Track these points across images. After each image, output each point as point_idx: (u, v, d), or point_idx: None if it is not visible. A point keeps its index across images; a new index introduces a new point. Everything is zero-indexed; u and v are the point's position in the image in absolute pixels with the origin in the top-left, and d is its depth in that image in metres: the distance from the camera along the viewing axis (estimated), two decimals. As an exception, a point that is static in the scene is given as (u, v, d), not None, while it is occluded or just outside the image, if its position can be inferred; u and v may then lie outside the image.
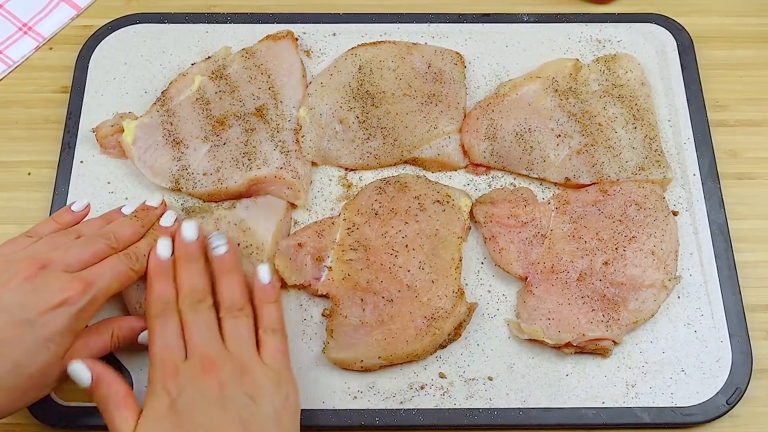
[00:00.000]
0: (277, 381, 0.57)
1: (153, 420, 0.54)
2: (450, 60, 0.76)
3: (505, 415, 0.64)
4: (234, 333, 0.59)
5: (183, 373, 0.56)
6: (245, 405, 0.55)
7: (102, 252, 0.60)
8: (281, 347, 0.60)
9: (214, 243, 0.62)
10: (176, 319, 0.59)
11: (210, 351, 0.57)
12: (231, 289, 0.60)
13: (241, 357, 0.58)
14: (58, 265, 0.58)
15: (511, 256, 0.68)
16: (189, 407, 0.54)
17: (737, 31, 0.82)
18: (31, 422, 0.64)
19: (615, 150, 0.71)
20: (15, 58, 0.80)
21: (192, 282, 0.60)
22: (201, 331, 0.58)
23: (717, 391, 0.64)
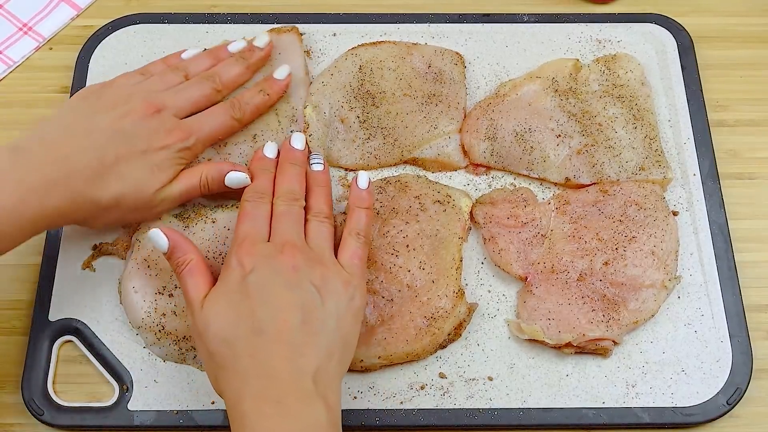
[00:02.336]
0: (347, 281, 0.59)
1: (223, 290, 0.57)
2: (450, 60, 0.76)
3: (505, 415, 0.64)
4: (317, 232, 0.62)
5: (261, 251, 0.58)
6: (311, 294, 0.57)
7: (208, 96, 0.68)
8: (361, 253, 0.62)
9: (314, 160, 0.67)
10: (268, 207, 0.63)
11: (292, 238, 0.60)
12: (320, 199, 0.64)
13: (320, 252, 0.60)
14: (169, 110, 0.65)
15: (511, 257, 0.68)
16: (259, 282, 0.57)
17: (737, 31, 0.82)
18: (31, 422, 0.64)
19: (615, 150, 0.71)
20: (15, 58, 0.80)
21: (291, 183, 0.64)
22: (288, 222, 0.61)
23: (717, 391, 0.64)
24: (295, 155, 0.66)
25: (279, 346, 0.54)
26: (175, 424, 0.64)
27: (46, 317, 0.67)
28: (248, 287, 0.56)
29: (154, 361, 0.66)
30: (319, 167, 0.66)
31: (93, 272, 0.69)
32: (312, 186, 0.65)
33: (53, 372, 0.66)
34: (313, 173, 0.66)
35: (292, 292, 0.56)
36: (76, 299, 0.68)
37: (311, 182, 0.65)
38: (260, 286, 0.56)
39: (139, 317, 0.65)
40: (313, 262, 0.59)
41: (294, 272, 0.57)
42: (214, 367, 0.56)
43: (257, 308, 0.55)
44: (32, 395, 0.64)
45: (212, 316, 0.56)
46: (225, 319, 0.56)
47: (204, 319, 0.56)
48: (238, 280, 0.57)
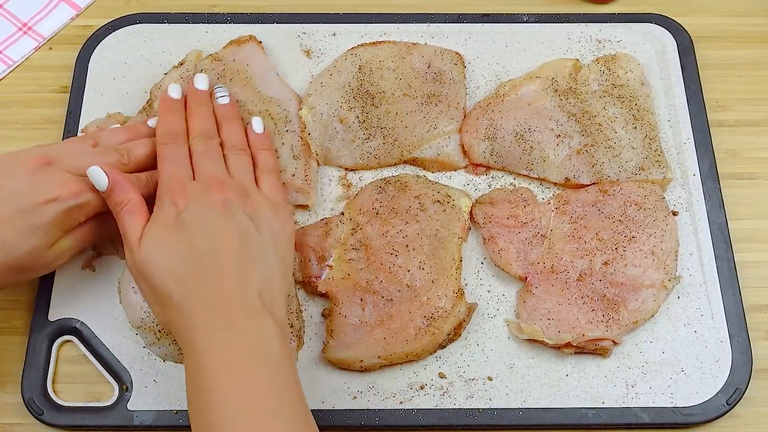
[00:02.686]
0: (275, 208, 0.62)
1: (159, 226, 0.58)
2: (450, 60, 0.76)
3: (505, 415, 0.64)
4: (237, 165, 0.64)
5: (191, 190, 0.60)
6: (246, 223, 0.59)
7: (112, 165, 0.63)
8: (277, 183, 0.64)
9: (219, 93, 0.68)
10: (186, 148, 0.63)
11: (217, 174, 0.61)
12: (233, 132, 0.66)
13: (244, 184, 0.62)
14: (62, 165, 0.61)
15: (511, 257, 0.68)
16: (194, 217, 0.58)
17: (737, 31, 0.82)
18: (31, 422, 0.64)
19: (615, 150, 0.71)
20: (15, 58, 0.80)
21: (203, 122, 0.65)
22: (209, 159, 0.63)
23: (717, 391, 0.64)
24: (200, 96, 0.67)
25: (222, 271, 0.56)
26: (174, 423, 0.64)
27: (46, 317, 0.67)
28: (184, 222, 0.58)
29: (154, 361, 0.66)
30: (225, 100, 0.68)
31: (93, 272, 0.69)
32: (222, 120, 0.67)
33: (53, 372, 0.66)
34: (220, 107, 0.68)
35: (228, 222, 0.58)
36: (76, 299, 0.68)
37: (220, 117, 0.67)
38: (196, 219, 0.58)
39: (138, 317, 0.65)
40: (241, 194, 0.61)
41: (225, 205, 0.59)
42: (159, 301, 0.57)
43: (196, 238, 0.57)
44: (32, 395, 0.64)
45: (151, 250, 0.57)
46: (165, 252, 0.57)
47: (143, 255, 0.57)
48: (173, 217, 0.58)
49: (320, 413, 0.64)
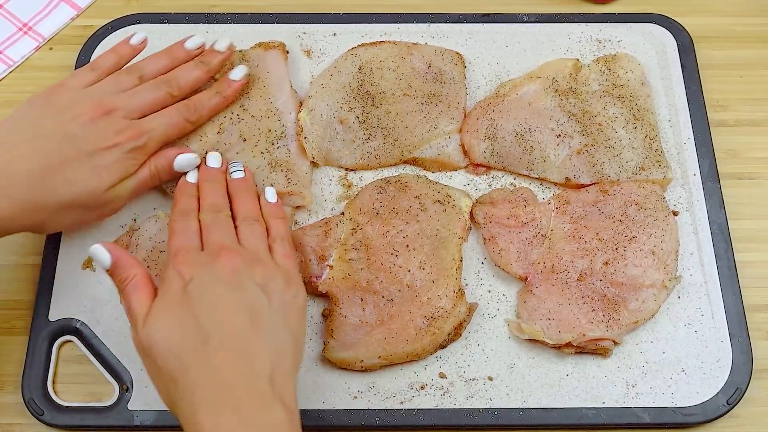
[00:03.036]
0: (287, 278, 0.59)
1: (164, 302, 0.56)
2: (450, 60, 0.76)
3: (505, 415, 0.64)
4: (249, 233, 0.62)
5: (197, 259, 0.58)
6: (255, 294, 0.56)
7: (163, 100, 0.66)
8: (290, 253, 0.62)
9: (233, 168, 0.67)
10: (196, 223, 0.62)
11: (226, 243, 0.60)
12: (246, 204, 0.65)
13: (256, 251, 0.60)
14: (120, 111, 0.64)
15: (511, 257, 0.68)
16: (200, 288, 0.56)
17: (737, 31, 0.82)
18: (31, 422, 0.64)
19: (615, 150, 0.71)
20: (15, 58, 0.80)
21: (213, 197, 0.65)
22: (218, 229, 0.61)
23: (717, 391, 0.64)
24: (212, 174, 0.67)
25: (228, 351, 0.53)
26: (175, 424, 0.63)
27: (46, 317, 0.67)
28: (190, 296, 0.55)
29: (154, 361, 0.66)
30: (240, 174, 0.67)
31: (93, 272, 0.69)
32: (235, 193, 0.65)
33: (53, 372, 0.66)
34: (234, 182, 0.66)
35: (236, 294, 0.56)
36: (76, 299, 0.68)
37: (233, 191, 0.66)
38: (202, 292, 0.55)
39: (139, 317, 0.65)
40: (251, 261, 0.58)
41: (234, 274, 0.57)
42: (163, 382, 0.54)
43: (201, 315, 0.54)
44: (32, 395, 0.64)
45: (155, 330, 0.54)
46: (169, 332, 0.54)
47: (147, 334, 0.55)
48: (178, 291, 0.56)
49: (320, 413, 0.64)
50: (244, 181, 0.67)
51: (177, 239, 0.61)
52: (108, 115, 0.63)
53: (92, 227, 0.70)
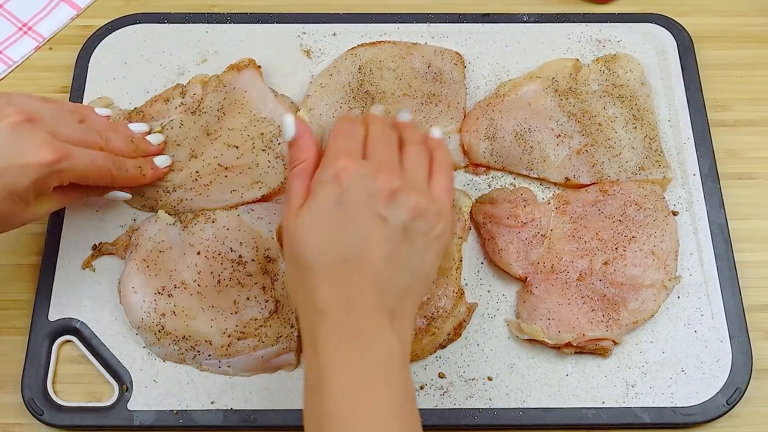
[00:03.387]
0: (438, 212, 0.57)
1: (318, 205, 0.55)
2: (450, 60, 0.76)
3: (505, 415, 0.64)
4: (414, 156, 0.59)
5: (358, 168, 0.56)
6: (404, 221, 0.55)
7: (90, 143, 0.62)
8: (448, 186, 0.59)
9: (401, 113, 0.64)
10: (364, 131, 0.60)
11: (390, 160, 0.58)
12: (413, 132, 0.61)
13: (415, 178, 0.58)
14: (45, 126, 0.58)
15: (511, 257, 0.68)
16: (353, 204, 0.55)
17: (737, 31, 0.82)
18: (31, 422, 0.64)
19: (615, 150, 0.71)
20: (15, 58, 0.80)
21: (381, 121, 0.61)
22: (386, 143, 0.59)
23: (717, 391, 0.64)
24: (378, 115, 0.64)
25: (361, 278, 0.54)
26: (174, 424, 0.64)
27: (46, 317, 0.67)
28: (342, 208, 0.55)
29: (154, 361, 0.66)
30: (407, 117, 0.64)
31: (93, 272, 0.69)
32: (402, 127, 0.62)
33: (53, 372, 0.66)
34: (401, 122, 0.63)
35: (384, 224, 0.55)
36: (76, 299, 0.68)
37: (401, 126, 0.63)
38: (354, 209, 0.55)
39: (138, 317, 0.65)
40: (410, 188, 0.56)
41: (390, 198, 0.55)
42: (296, 282, 0.55)
43: (346, 236, 0.54)
44: (32, 395, 0.64)
45: (302, 232, 0.55)
46: (313, 240, 0.54)
47: (293, 233, 0.55)
48: (332, 199, 0.55)
49: (320, 413, 0.64)
50: (412, 122, 0.64)
51: (341, 140, 0.58)
52: (31, 123, 0.58)
53: (91, 227, 0.70)
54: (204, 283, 0.66)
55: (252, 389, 0.65)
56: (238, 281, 0.66)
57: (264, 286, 0.66)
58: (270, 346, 0.65)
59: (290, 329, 0.65)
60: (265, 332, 0.65)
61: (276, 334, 0.65)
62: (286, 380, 0.65)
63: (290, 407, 0.64)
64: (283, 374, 0.65)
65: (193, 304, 0.65)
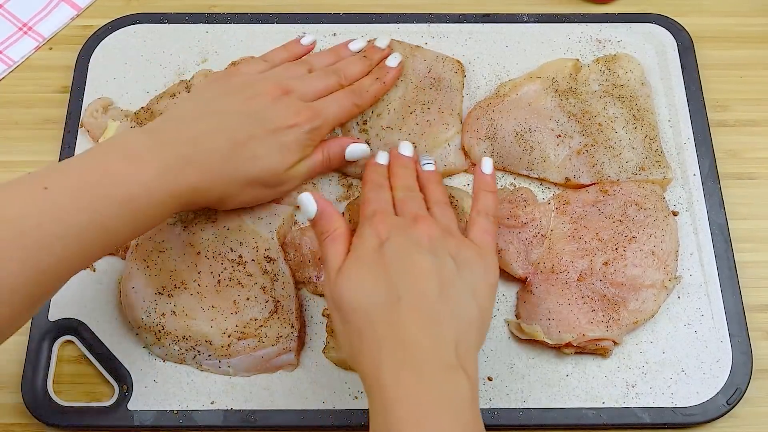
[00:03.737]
0: (480, 254, 0.59)
1: (358, 257, 0.57)
2: (450, 68, 0.75)
3: (505, 415, 0.64)
4: (442, 213, 0.62)
5: (395, 222, 0.59)
6: (448, 265, 0.56)
7: (332, 87, 0.69)
8: (490, 229, 0.62)
9: (424, 161, 0.68)
10: (389, 194, 0.63)
11: (422, 212, 0.61)
12: (438, 191, 0.65)
13: (449, 226, 0.61)
14: (296, 93, 0.66)
15: (511, 257, 0.68)
16: (395, 249, 0.56)
17: (737, 31, 0.82)
18: (31, 422, 0.64)
19: (615, 150, 0.71)
20: (15, 58, 0.80)
21: (406, 180, 0.65)
22: (413, 202, 0.62)
23: (717, 391, 0.64)
24: (404, 160, 0.67)
25: (417, 314, 0.53)
26: (174, 424, 0.64)
27: (46, 317, 0.67)
28: (384, 255, 0.56)
29: (154, 361, 0.66)
30: (431, 167, 0.67)
31: (93, 272, 0.69)
32: (426, 183, 0.66)
33: (53, 372, 0.66)
34: (425, 173, 0.67)
35: (429, 261, 0.56)
36: (76, 299, 0.68)
37: (424, 180, 0.66)
38: (397, 254, 0.56)
39: (139, 317, 0.65)
40: (446, 233, 0.59)
41: (430, 242, 0.57)
42: (350, 336, 0.55)
43: (394, 276, 0.55)
44: (32, 395, 0.64)
45: (348, 283, 0.55)
46: (361, 287, 0.55)
47: (339, 287, 0.55)
48: (373, 248, 0.57)
49: (321, 413, 0.64)
50: (435, 174, 0.67)
51: (372, 204, 0.61)
52: (286, 95, 0.65)
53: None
54: (204, 283, 0.66)
55: (252, 389, 0.65)
56: (238, 281, 0.66)
57: (264, 286, 0.66)
58: (270, 346, 0.65)
59: (290, 329, 0.65)
60: (265, 332, 0.65)
61: (276, 335, 0.65)
62: (286, 380, 0.65)
63: (290, 407, 0.64)
64: (283, 374, 0.65)
65: (193, 304, 0.65)
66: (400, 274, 0.55)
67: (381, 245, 0.57)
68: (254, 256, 0.67)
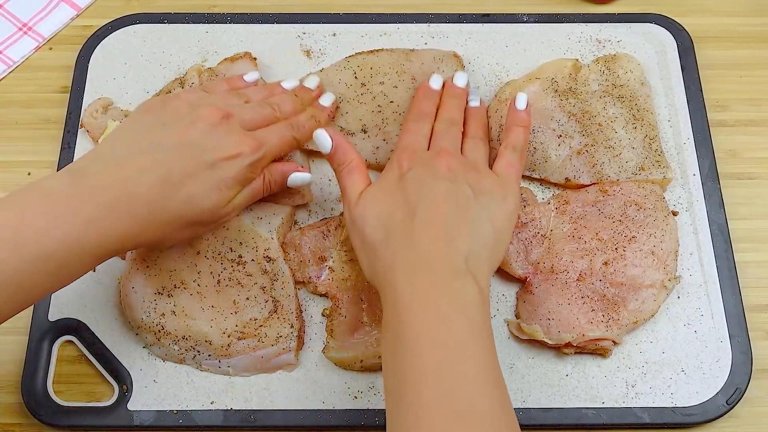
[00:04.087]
0: (501, 185, 0.62)
1: (380, 185, 0.61)
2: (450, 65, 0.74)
3: (505, 415, 0.63)
4: (473, 148, 0.66)
5: (419, 156, 0.63)
6: (464, 191, 0.60)
7: (269, 117, 0.67)
8: (516, 164, 0.65)
9: (472, 96, 0.72)
10: (429, 126, 0.67)
11: (449, 148, 0.64)
12: (477, 126, 0.69)
13: (475, 161, 0.64)
14: (236, 120, 0.63)
15: (511, 257, 0.68)
16: (415, 177, 0.60)
17: (737, 31, 0.82)
18: (31, 422, 0.65)
19: (615, 150, 0.71)
20: (15, 58, 0.80)
21: (452, 111, 0.68)
22: (447, 137, 0.65)
23: (717, 391, 0.64)
24: (456, 91, 0.71)
25: (431, 227, 0.57)
26: (174, 424, 0.64)
27: (46, 317, 0.67)
28: (405, 182, 0.60)
29: (154, 361, 0.66)
30: (476, 103, 0.71)
31: (93, 272, 0.69)
32: (469, 117, 0.69)
33: (53, 372, 0.66)
34: (471, 108, 0.70)
35: (446, 186, 0.59)
36: (76, 299, 0.68)
37: (468, 114, 0.70)
38: (416, 181, 0.60)
39: (139, 317, 0.65)
40: (467, 167, 0.62)
41: (449, 171, 0.60)
42: (366, 251, 0.59)
43: (412, 196, 0.59)
44: (32, 395, 0.64)
45: (368, 205, 0.60)
46: (380, 207, 0.59)
47: (360, 210, 0.60)
48: (395, 178, 0.61)
49: (320, 413, 0.64)
50: (481, 109, 0.71)
51: (407, 137, 0.65)
52: (227, 120, 0.62)
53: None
54: (204, 283, 0.66)
55: (252, 389, 0.65)
56: (238, 281, 0.66)
57: (263, 286, 0.66)
58: (270, 346, 0.65)
59: (290, 329, 0.65)
60: (264, 332, 0.65)
61: (276, 334, 0.65)
62: (286, 380, 0.65)
63: (290, 407, 0.64)
64: (283, 374, 0.65)
65: (192, 304, 0.65)
66: (418, 195, 0.59)
67: (402, 175, 0.61)
68: (254, 256, 0.67)
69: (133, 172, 0.57)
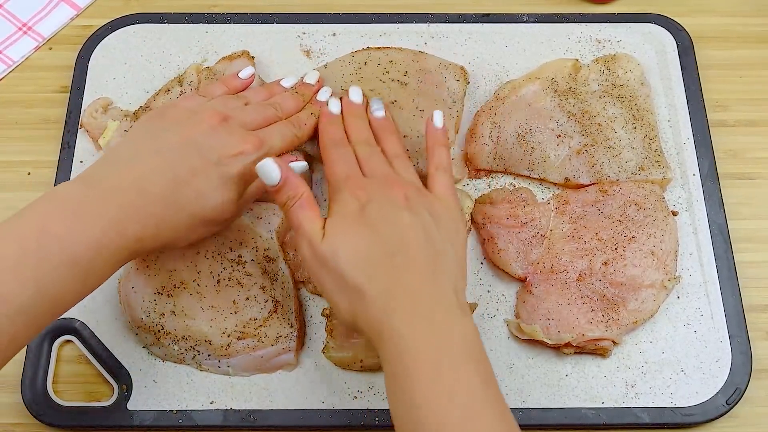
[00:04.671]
0: (447, 207, 0.60)
1: (342, 219, 0.57)
2: (453, 75, 0.73)
3: (504, 415, 0.63)
4: (404, 168, 0.63)
5: (370, 184, 0.60)
6: (427, 219, 0.58)
7: (270, 117, 0.67)
8: (450, 183, 0.63)
9: (374, 106, 0.68)
10: (350, 150, 0.64)
11: (391, 174, 0.62)
12: (393, 144, 0.65)
13: (414, 182, 0.62)
14: (236, 121, 0.64)
15: (510, 257, 0.68)
16: (378, 210, 0.57)
17: (737, 31, 0.82)
18: (31, 422, 0.65)
19: (615, 150, 0.71)
20: (15, 58, 0.80)
21: (361, 133, 0.66)
22: (378, 160, 0.63)
23: (717, 391, 0.64)
24: (356, 109, 0.68)
25: (414, 265, 0.55)
26: (174, 424, 0.64)
27: (45, 317, 0.67)
28: (368, 216, 0.57)
29: (154, 361, 0.66)
30: (381, 113, 0.67)
31: (93, 272, 0.69)
32: (379, 133, 0.66)
33: (53, 372, 0.66)
34: (376, 120, 0.67)
35: (411, 219, 0.57)
36: (75, 299, 0.68)
37: (377, 129, 0.67)
38: (380, 213, 0.57)
39: (138, 317, 0.65)
40: (419, 193, 0.60)
41: (406, 200, 0.58)
42: (348, 295, 0.55)
43: (383, 232, 0.56)
44: (32, 395, 0.64)
45: (338, 243, 0.56)
46: (353, 245, 0.55)
47: (329, 247, 0.56)
48: (356, 211, 0.57)
49: (320, 413, 0.64)
50: (386, 120, 0.68)
51: (338, 166, 0.62)
52: (226, 122, 0.63)
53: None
54: (203, 282, 0.66)
55: (251, 389, 0.65)
56: (238, 281, 0.66)
57: (263, 286, 0.66)
58: (269, 346, 0.65)
59: (289, 329, 0.65)
60: (264, 332, 0.65)
61: (275, 334, 0.65)
62: (286, 380, 0.65)
63: (290, 407, 0.64)
64: (283, 374, 0.65)
65: (192, 303, 0.65)
66: (388, 230, 0.56)
67: (363, 208, 0.57)
68: (254, 256, 0.67)
69: (145, 172, 0.58)
